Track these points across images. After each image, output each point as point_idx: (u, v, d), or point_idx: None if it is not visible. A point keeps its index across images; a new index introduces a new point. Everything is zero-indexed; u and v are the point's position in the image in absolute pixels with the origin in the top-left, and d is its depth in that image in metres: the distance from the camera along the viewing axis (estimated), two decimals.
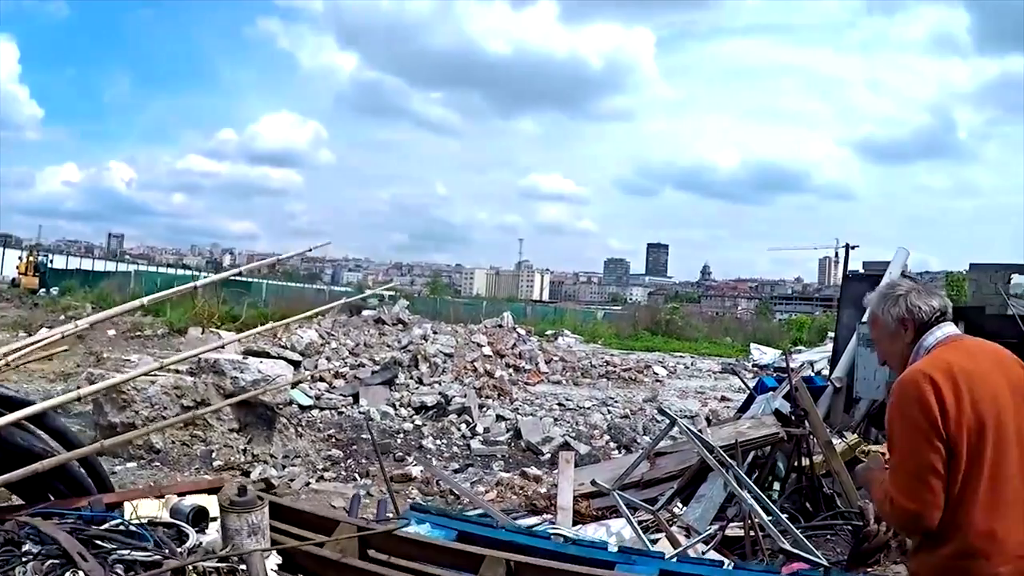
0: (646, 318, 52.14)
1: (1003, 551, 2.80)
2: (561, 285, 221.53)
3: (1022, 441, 2.87)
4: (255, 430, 10.73)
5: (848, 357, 12.39)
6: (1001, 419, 2.84)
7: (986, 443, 2.80)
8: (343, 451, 11.39)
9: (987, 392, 2.85)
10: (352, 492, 9.32)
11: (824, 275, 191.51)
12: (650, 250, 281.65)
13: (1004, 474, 2.82)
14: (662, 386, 21.30)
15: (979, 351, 3.03)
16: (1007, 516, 2.82)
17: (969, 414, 2.79)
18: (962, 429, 2.78)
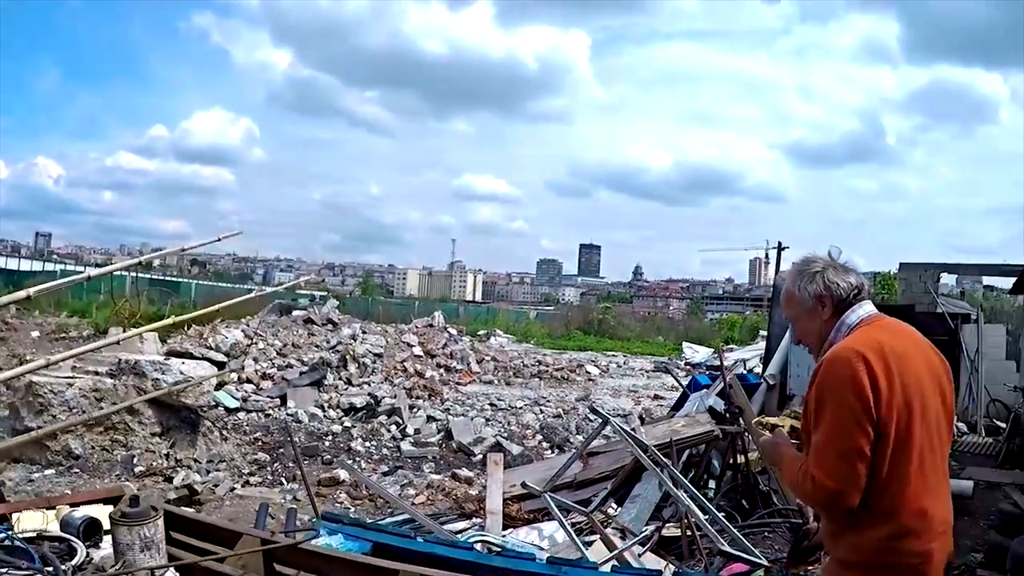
0: (578, 318, 52.14)
1: (931, 528, 2.83)
2: (494, 286, 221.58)
3: (939, 421, 2.90)
4: (178, 434, 10.41)
5: (781, 354, 12.41)
6: (923, 400, 2.85)
7: (914, 424, 2.81)
8: (270, 455, 11.09)
9: (913, 373, 2.85)
10: (279, 498, 9.09)
11: (754, 276, 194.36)
12: (582, 251, 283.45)
13: (927, 453, 2.84)
14: (595, 385, 21.18)
15: (901, 332, 3.02)
16: (932, 494, 2.85)
17: (899, 396, 2.78)
18: (892, 411, 2.77)
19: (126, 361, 10.36)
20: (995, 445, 13.26)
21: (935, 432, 2.89)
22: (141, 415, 10.00)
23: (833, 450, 2.77)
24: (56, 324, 21.02)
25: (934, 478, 2.87)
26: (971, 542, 7.82)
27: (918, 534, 2.81)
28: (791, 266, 3.30)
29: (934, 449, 2.88)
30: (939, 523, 2.86)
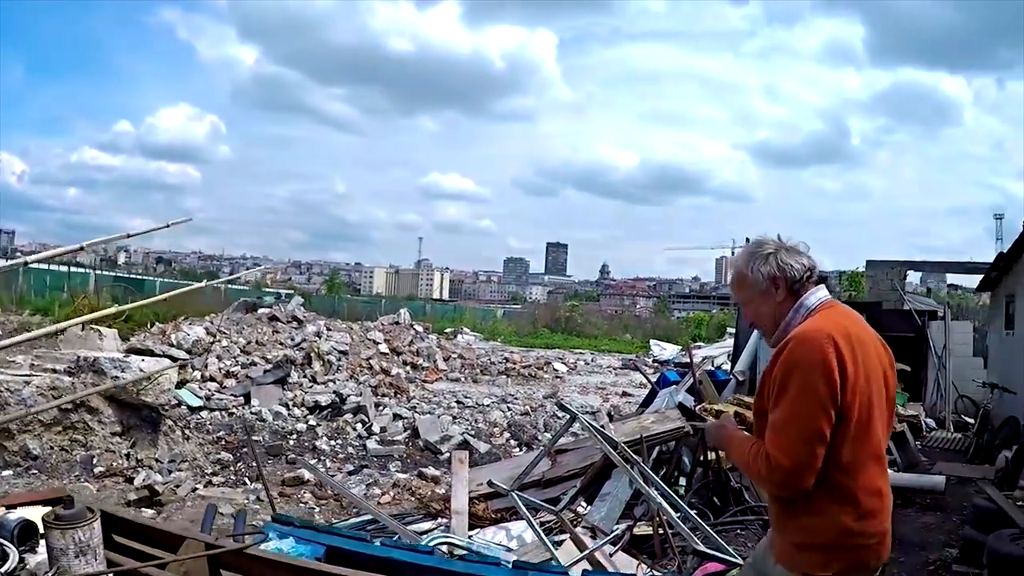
0: (546, 316, 52.10)
1: (886, 507, 2.95)
2: (461, 284, 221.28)
3: (890, 407, 3.02)
4: (139, 433, 10.15)
5: (750, 351, 12.31)
6: (879, 386, 2.92)
7: (874, 409, 2.87)
8: (233, 454, 10.85)
9: (872, 360, 2.90)
10: (242, 498, 8.89)
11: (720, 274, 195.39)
12: (549, 249, 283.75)
13: (883, 437, 2.95)
14: (562, 382, 21.01)
15: (858, 319, 3.05)
16: (885, 476, 2.98)
17: (863, 381, 2.81)
18: (856, 396, 2.79)
19: (85, 359, 10.12)
20: (964, 440, 13.31)
21: (888, 418, 3.01)
22: (101, 414, 9.73)
23: (795, 430, 2.75)
24: (18, 323, 20.62)
25: (885, 461, 2.99)
26: (945, 537, 7.79)
27: (875, 514, 2.88)
28: (742, 248, 3.30)
29: (887, 434, 2.99)
30: (890, 503, 2.97)
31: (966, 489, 9.81)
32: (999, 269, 14.88)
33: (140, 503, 8.29)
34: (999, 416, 13.15)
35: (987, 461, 11.35)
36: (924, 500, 9.10)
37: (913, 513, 8.71)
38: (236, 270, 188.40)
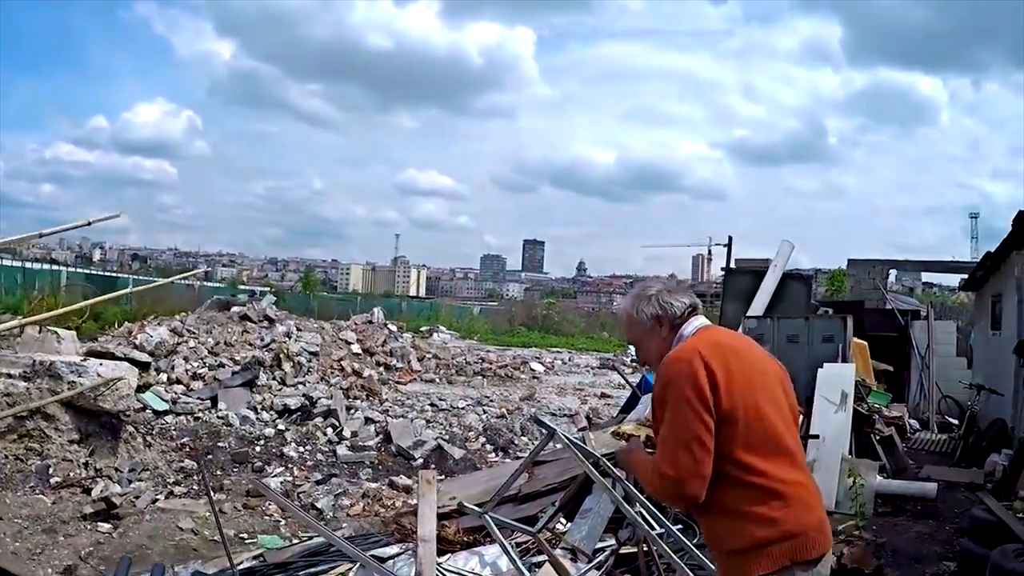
0: (523, 313, 51.76)
1: (805, 496, 2.97)
2: (438, 281, 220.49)
3: (792, 412, 3.12)
4: (98, 441, 9.66)
5: None
6: (769, 388, 3.03)
7: (764, 407, 2.94)
8: (198, 461, 10.35)
9: (753, 363, 3.04)
10: (203, 510, 8.45)
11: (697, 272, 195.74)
12: (526, 246, 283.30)
13: (786, 434, 3.00)
14: (539, 383, 20.54)
15: (737, 335, 3.32)
16: (804, 470, 3.07)
17: (741, 384, 2.91)
18: (735, 398, 2.88)
19: (40, 363, 9.56)
20: (949, 442, 13.07)
21: (790, 416, 3.08)
22: (57, 421, 9.23)
23: (673, 440, 2.86)
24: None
25: (801, 458, 3.07)
26: (940, 548, 7.44)
27: (793, 504, 2.90)
28: (628, 292, 3.51)
29: (790, 430, 3.04)
30: (809, 492, 3.01)
31: (956, 495, 9.52)
32: (985, 268, 14.62)
33: (96, 516, 7.90)
34: (985, 418, 12.91)
35: (975, 464, 11.10)
36: (915, 507, 8.77)
37: (904, 522, 8.37)
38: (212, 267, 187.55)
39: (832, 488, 8.35)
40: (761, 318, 11.76)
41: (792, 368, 10.30)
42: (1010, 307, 12.79)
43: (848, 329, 11.00)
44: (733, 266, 13.93)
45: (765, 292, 12.51)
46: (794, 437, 3.08)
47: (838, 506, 8.25)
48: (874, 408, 10.82)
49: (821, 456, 8.63)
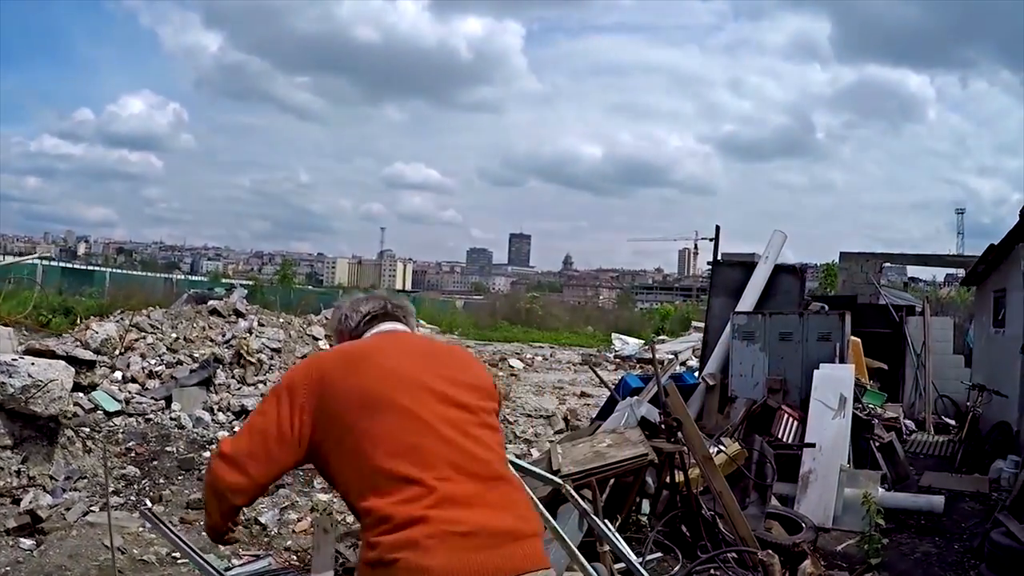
0: (506, 307, 51.01)
1: (446, 492, 2.53)
2: (424, 275, 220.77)
3: (459, 418, 2.67)
4: (33, 446, 8.89)
5: (722, 350, 11.10)
6: (413, 392, 2.65)
7: (384, 413, 2.59)
8: (141, 468, 9.61)
9: (387, 367, 2.70)
10: (135, 525, 7.69)
11: (684, 266, 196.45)
12: (513, 240, 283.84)
13: (416, 429, 2.60)
14: (517, 380, 19.49)
15: (390, 339, 2.96)
16: (428, 463, 2.56)
17: (358, 389, 2.61)
18: (347, 401, 2.60)
19: None
20: (947, 445, 12.35)
21: (451, 429, 2.62)
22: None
23: (247, 426, 2.68)
24: None
25: (461, 477, 2.55)
26: (953, 574, 6.69)
27: (417, 501, 2.46)
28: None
29: (435, 421, 2.62)
30: (461, 488, 2.52)
31: (961, 506, 8.80)
32: (988, 262, 13.90)
33: (21, 531, 7.16)
34: (987, 420, 12.17)
35: (976, 470, 10.43)
36: (918, 522, 8.00)
37: (908, 540, 7.58)
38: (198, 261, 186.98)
39: (830, 502, 7.59)
40: (751, 314, 10.93)
41: (785, 369, 9.59)
42: (1015, 303, 12.08)
43: (846, 326, 10.20)
44: (721, 258, 13.07)
45: (755, 286, 11.67)
46: (479, 460, 2.62)
47: (836, 522, 7.49)
48: (873, 412, 10.08)
49: (817, 466, 7.86)
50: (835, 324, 10.15)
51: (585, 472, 5.20)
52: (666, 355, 22.38)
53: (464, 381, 2.78)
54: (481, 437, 2.67)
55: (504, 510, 2.57)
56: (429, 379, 2.71)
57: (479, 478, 2.59)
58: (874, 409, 10.33)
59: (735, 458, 7.44)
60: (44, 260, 46.26)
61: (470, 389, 2.77)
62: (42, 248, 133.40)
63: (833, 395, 8.64)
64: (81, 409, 11.21)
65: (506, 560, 2.49)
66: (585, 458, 5.50)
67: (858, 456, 8.94)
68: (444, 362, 2.84)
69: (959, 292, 26.15)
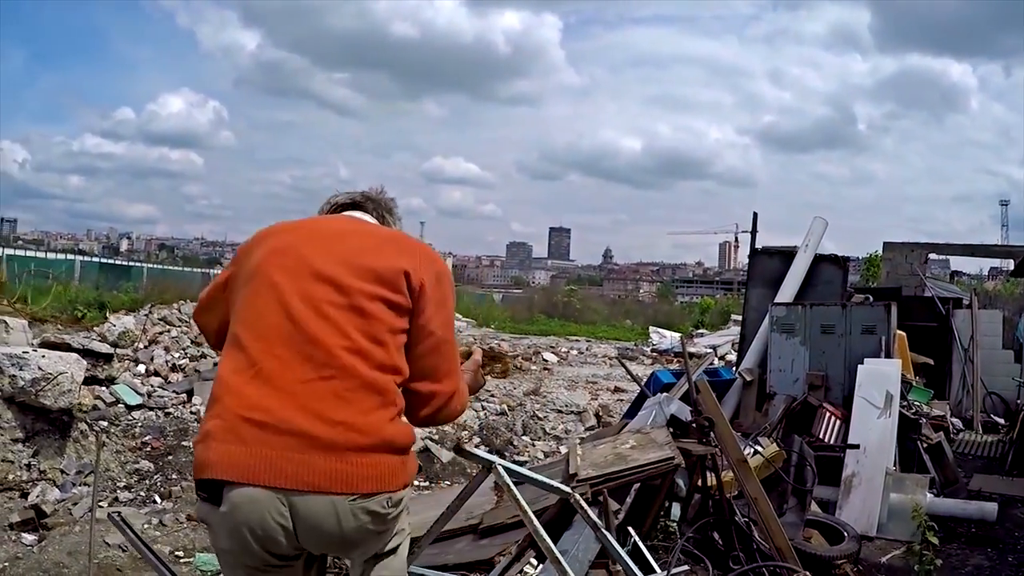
0: (543, 301, 50.62)
1: (241, 405, 2.37)
2: (464, 269, 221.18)
3: (331, 304, 2.45)
4: (45, 440, 8.76)
5: (759, 344, 10.59)
6: (288, 257, 2.55)
7: (258, 289, 2.50)
8: (155, 463, 9.36)
9: (285, 245, 2.59)
10: (140, 521, 7.42)
11: (724, 259, 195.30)
12: (552, 234, 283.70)
13: (269, 322, 2.45)
14: (550, 375, 19.02)
15: (327, 220, 2.88)
16: (279, 375, 2.37)
17: (255, 253, 2.59)
18: (240, 272, 2.59)
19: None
20: (997, 446, 11.74)
21: (304, 305, 2.43)
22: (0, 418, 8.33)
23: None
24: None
25: (291, 356, 2.36)
26: None
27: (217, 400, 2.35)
28: None
29: (295, 323, 2.41)
30: (262, 411, 2.27)
31: (1015, 512, 8.19)
32: None
33: (25, 525, 7.03)
34: None
35: None
36: (968, 530, 7.44)
37: (958, 551, 6.99)
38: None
39: (874, 508, 7.05)
40: (791, 305, 10.40)
41: (827, 363, 9.07)
42: None
43: (892, 318, 9.61)
44: (759, 248, 12.50)
45: (795, 276, 11.13)
46: (336, 343, 2.39)
47: (881, 530, 6.95)
48: (920, 410, 9.51)
49: (861, 470, 7.32)
50: (880, 316, 9.59)
51: (604, 477, 4.74)
52: (704, 349, 21.86)
53: (361, 264, 2.52)
54: (336, 319, 2.42)
55: (325, 408, 2.30)
56: (314, 256, 2.54)
57: (311, 362, 2.36)
58: (921, 407, 9.76)
59: (772, 460, 6.93)
60: (83, 256, 46.81)
61: (363, 271, 2.50)
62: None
63: (879, 392, 8.10)
64: (102, 402, 11.07)
65: (302, 468, 2.24)
66: (605, 461, 5.04)
67: (904, 458, 8.40)
68: (351, 243, 2.62)
69: (1006, 284, 25.37)
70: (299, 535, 2.26)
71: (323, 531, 2.27)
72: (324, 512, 2.24)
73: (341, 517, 2.26)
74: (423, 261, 2.64)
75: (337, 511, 2.25)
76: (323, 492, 2.22)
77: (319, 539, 2.30)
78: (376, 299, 2.47)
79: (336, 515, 2.25)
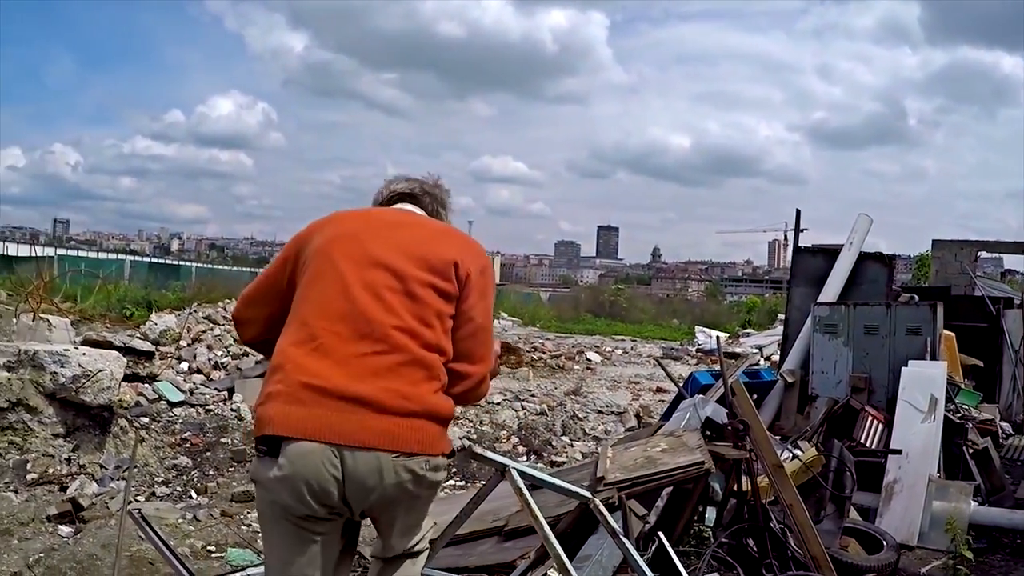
0: (590, 300, 50.42)
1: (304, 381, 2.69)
2: (512, 268, 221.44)
3: (401, 288, 2.75)
4: (85, 435, 8.87)
5: (802, 345, 10.34)
6: (358, 255, 2.79)
7: (327, 267, 2.77)
8: (194, 459, 9.43)
9: (349, 235, 2.85)
10: (174, 516, 7.45)
11: (774, 257, 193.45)
12: (600, 232, 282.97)
13: (330, 301, 2.73)
14: (592, 375, 18.88)
15: (389, 212, 3.10)
16: (337, 348, 2.68)
17: (316, 245, 2.83)
18: (305, 254, 2.83)
19: (26, 352, 8.76)
20: None
21: (363, 289, 2.71)
22: (41, 414, 8.51)
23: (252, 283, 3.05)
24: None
25: (349, 333, 2.65)
26: None
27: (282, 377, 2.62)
28: None
29: (355, 304, 2.69)
30: (322, 382, 2.57)
31: None
32: None
33: (62, 518, 7.12)
34: None
35: None
36: (1013, 541, 7.17)
37: (1002, 562, 6.69)
38: None
39: (915, 517, 6.83)
40: (834, 305, 10.15)
41: (870, 365, 8.83)
42: None
43: (938, 319, 9.33)
44: (801, 246, 12.20)
45: (839, 274, 10.84)
46: (400, 325, 2.69)
47: (922, 539, 6.73)
48: (967, 413, 9.24)
49: (903, 476, 7.11)
50: (926, 316, 9.32)
51: (632, 481, 4.62)
52: (750, 349, 21.58)
53: (416, 253, 2.81)
54: (391, 302, 2.70)
55: (377, 378, 2.58)
56: (374, 245, 2.80)
57: (367, 339, 2.63)
58: (968, 410, 9.49)
59: (811, 465, 6.75)
60: (134, 256, 47.58)
61: (417, 260, 2.79)
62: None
63: (923, 396, 7.87)
64: (145, 399, 11.23)
65: (353, 426, 2.52)
66: (635, 464, 4.92)
67: (949, 463, 8.15)
68: (407, 234, 2.90)
69: None
70: (346, 488, 2.53)
71: (367, 485, 2.54)
72: (371, 466, 2.53)
73: (384, 472, 2.54)
74: (471, 254, 2.94)
75: (381, 466, 2.54)
76: (372, 448, 2.52)
77: (363, 493, 2.56)
78: (427, 286, 2.76)
79: (380, 470, 2.54)
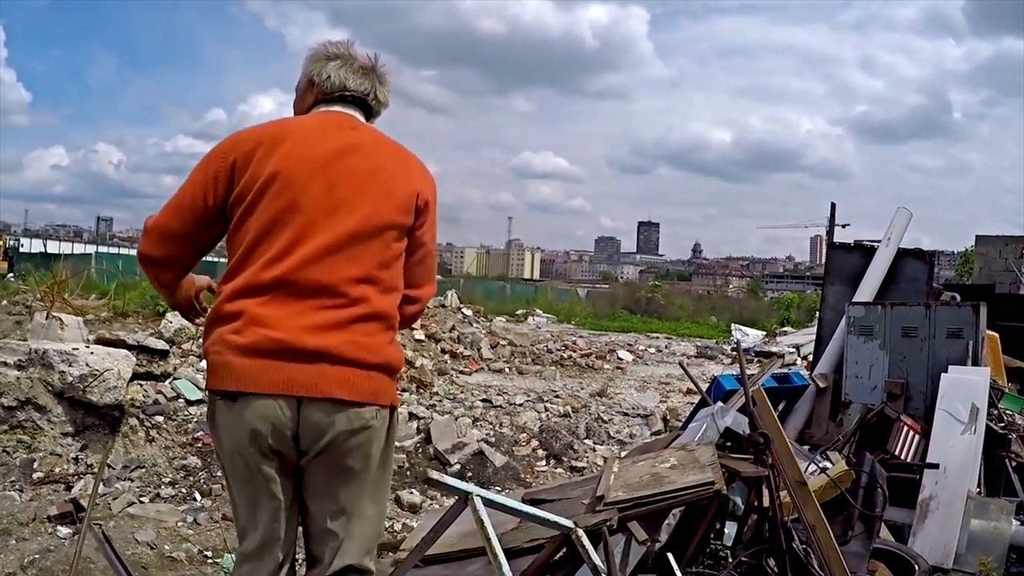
0: (627, 296, 49.95)
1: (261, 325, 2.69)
2: (552, 264, 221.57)
3: (347, 217, 2.70)
4: (94, 434, 8.81)
5: (835, 347, 9.79)
6: (301, 182, 2.69)
7: (264, 198, 2.68)
8: (203, 459, 9.21)
9: (296, 154, 2.71)
10: (173, 519, 7.17)
11: (815, 254, 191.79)
12: (641, 228, 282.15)
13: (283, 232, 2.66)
14: (622, 374, 18.32)
15: (319, 122, 2.90)
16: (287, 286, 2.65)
17: (256, 168, 2.70)
18: (251, 183, 2.69)
19: (35, 350, 8.73)
20: None
21: (327, 220, 2.67)
22: (50, 413, 8.49)
23: (171, 200, 2.79)
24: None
25: (305, 272, 2.62)
26: None
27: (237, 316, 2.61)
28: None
29: (315, 234, 2.65)
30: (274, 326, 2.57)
31: None
32: None
33: (62, 518, 6.96)
34: None
35: None
36: None
37: None
38: None
39: (952, 537, 6.34)
40: (870, 305, 9.59)
41: (908, 370, 8.31)
42: None
43: (981, 320, 8.72)
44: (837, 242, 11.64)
45: (876, 272, 10.24)
46: (347, 255, 2.68)
47: (958, 561, 6.24)
48: (1011, 421, 8.71)
49: (939, 492, 6.60)
50: (968, 318, 8.75)
51: (633, 501, 4.21)
52: (786, 348, 21.04)
53: (382, 191, 2.79)
54: (355, 249, 2.69)
55: (338, 330, 2.61)
56: (341, 186, 2.72)
57: (327, 291, 2.62)
58: (1012, 417, 8.93)
59: (839, 480, 6.28)
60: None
61: (383, 199, 2.77)
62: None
63: (963, 405, 7.34)
64: (163, 396, 11.08)
65: (313, 377, 2.55)
66: (640, 481, 4.50)
67: (990, 476, 7.62)
68: (369, 165, 2.82)
69: None
70: (300, 429, 2.58)
71: (320, 426, 2.58)
72: (326, 411, 2.57)
73: (337, 419, 2.58)
74: (426, 180, 2.95)
75: (335, 411, 2.58)
76: (329, 396, 2.56)
77: (316, 433, 2.59)
78: (392, 227, 2.77)
79: (333, 417, 2.58)
